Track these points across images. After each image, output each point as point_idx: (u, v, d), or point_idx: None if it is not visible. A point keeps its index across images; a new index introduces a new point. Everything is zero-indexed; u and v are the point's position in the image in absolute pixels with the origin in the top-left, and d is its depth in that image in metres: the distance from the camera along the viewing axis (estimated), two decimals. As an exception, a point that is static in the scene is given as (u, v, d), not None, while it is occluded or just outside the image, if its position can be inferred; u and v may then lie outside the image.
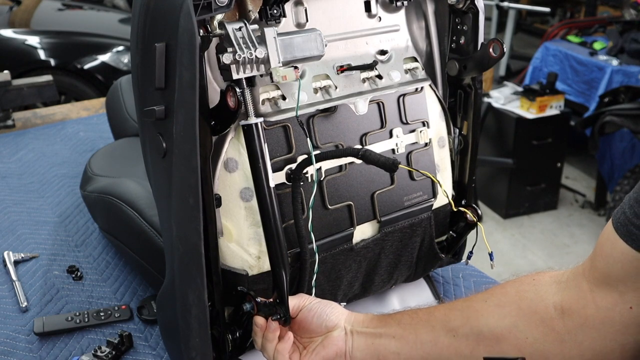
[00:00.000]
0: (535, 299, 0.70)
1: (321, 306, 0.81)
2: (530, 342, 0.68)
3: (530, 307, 0.69)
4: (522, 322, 0.69)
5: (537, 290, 0.70)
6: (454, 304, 0.77)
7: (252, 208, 0.81)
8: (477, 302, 0.74)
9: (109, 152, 1.44)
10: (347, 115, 0.88)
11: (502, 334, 0.70)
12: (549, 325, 0.67)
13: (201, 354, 0.78)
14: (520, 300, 0.71)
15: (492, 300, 0.73)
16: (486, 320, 0.72)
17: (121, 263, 1.23)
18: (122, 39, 3.48)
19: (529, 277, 0.73)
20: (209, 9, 0.69)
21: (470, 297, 0.76)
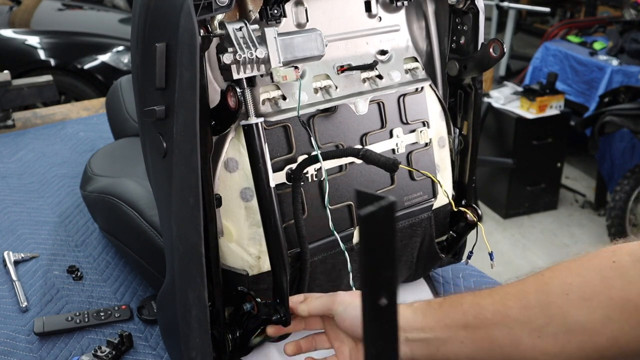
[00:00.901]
0: (624, 286, 0.64)
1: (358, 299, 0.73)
2: (627, 331, 0.63)
3: (621, 296, 0.64)
4: (615, 313, 0.64)
5: (623, 275, 0.64)
6: (527, 301, 0.69)
7: (253, 208, 0.81)
8: (558, 297, 0.68)
9: (109, 152, 1.44)
10: (348, 115, 0.88)
11: (596, 329, 0.65)
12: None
13: (201, 354, 0.78)
14: (608, 289, 0.65)
15: (575, 293, 0.67)
16: (574, 316, 0.66)
17: (121, 263, 1.23)
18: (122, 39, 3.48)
19: (606, 260, 0.66)
20: (209, 9, 0.69)
21: (542, 290, 0.69)
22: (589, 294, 0.65)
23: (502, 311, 0.69)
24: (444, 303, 0.73)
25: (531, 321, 0.68)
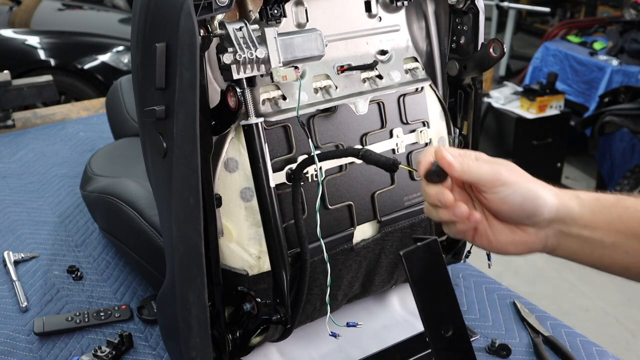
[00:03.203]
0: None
1: (524, 182, 0.64)
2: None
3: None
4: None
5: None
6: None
7: (253, 208, 0.81)
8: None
9: (109, 152, 1.44)
10: (348, 115, 0.88)
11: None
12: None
13: (201, 354, 0.78)
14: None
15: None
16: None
17: (121, 263, 1.23)
18: (122, 39, 3.48)
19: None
20: (209, 9, 0.69)
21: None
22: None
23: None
24: (617, 205, 0.64)
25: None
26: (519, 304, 1.10)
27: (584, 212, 0.64)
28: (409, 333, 0.93)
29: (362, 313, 1.05)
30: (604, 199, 0.65)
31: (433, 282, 0.73)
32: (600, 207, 0.64)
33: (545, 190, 0.64)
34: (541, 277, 2.94)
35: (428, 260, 0.72)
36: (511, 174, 0.64)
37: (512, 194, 0.63)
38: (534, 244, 0.67)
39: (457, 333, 0.74)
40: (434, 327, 0.73)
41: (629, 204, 0.64)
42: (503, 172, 0.63)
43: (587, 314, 2.70)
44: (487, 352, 0.98)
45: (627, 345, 2.50)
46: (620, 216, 0.63)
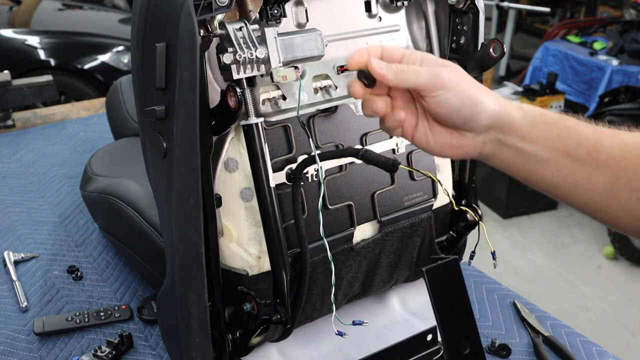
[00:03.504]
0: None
1: (465, 86, 0.63)
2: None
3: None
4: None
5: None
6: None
7: (253, 208, 0.81)
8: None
9: (109, 152, 1.44)
10: (348, 115, 0.88)
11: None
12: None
13: (201, 354, 0.78)
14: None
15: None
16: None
17: (121, 263, 1.23)
18: (122, 39, 3.48)
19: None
20: (209, 9, 0.69)
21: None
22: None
23: (616, 159, 0.62)
24: (559, 122, 0.64)
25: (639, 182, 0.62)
26: (519, 304, 1.10)
27: (524, 123, 0.64)
28: (409, 333, 0.93)
29: (362, 313, 1.05)
30: (548, 115, 0.65)
31: (452, 300, 0.75)
32: (541, 121, 0.64)
33: (486, 97, 0.64)
34: (541, 277, 2.94)
35: (448, 278, 0.74)
36: (452, 78, 0.63)
37: (450, 98, 0.63)
38: (471, 149, 0.67)
39: (474, 351, 0.75)
40: (452, 344, 0.74)
41: (571, 124, 0.64)
42: (443, 75, 0.63)
43: (587, 314, 2.70)
44: (487, 352, 0.98)
45: (627, 345, 2.50)
46: (559, 134, 0.63)
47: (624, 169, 0.62)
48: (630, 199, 0.62)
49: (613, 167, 0.62)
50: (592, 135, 0.63)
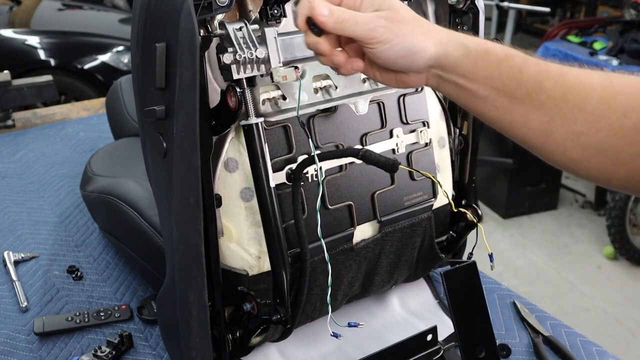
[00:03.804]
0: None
1: (402, 38, 0.63)
2: None
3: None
4: None
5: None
6: (585, 104, 0.62)
7: (253, 208, 0.81)
8: (616, 116, 0.62)
9: (109, 152, 1.44)
10: (348, 115, 0.88)
11: (632, 160, 0.62)
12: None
13: (201, 354, 0.78)
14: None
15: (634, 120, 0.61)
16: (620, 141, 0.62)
17: (121, 263, 1.23)
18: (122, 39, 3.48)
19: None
20: (209, 9, 0.69)
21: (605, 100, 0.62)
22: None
23: (556, 100, 0.63)
24: (503, 62, 0.64)
25: (577, 124, 0.63)
26: (519, 304, 1.10)
27: (465, 62, 0.64)
28: (409, 333, 0.93)
29: (362, 313, 1.05)
30: (493, 54, 0.64)
31: (470, 303, 0.75)
32: (485, 59, 0.64)
33: (426, 41, 0.64)
34: (541, 277, 2.94)
35: (466, 282, 0.74)
36: (388, 30, 0.63)
37: (386, 50, 0.64)
38: (415, 83, 0.68)
39: (490, 355, 0.76)
40: (468, 347, 0.75)
41: (516, 63, 0.64)
42: (378, 30, 0.63)
43: (587, 314, 2.70)
44: (487, 352, 0.98)
45: (627, 345, 2.50)
46: (501, 73, 0.64)
47: (562, 111, 0.63)
48: (565, 140, 0.63)
49: (551, 108, 0.63)
50: (536, 75, 0.63)
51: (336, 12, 0.63)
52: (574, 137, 0.63)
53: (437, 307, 1.09)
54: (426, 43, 0.64)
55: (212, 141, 0.77)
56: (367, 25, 0.63)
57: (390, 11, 0.63)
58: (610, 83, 0.62)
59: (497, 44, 0.65)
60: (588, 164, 0.64)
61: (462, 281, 0.76)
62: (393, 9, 0.63)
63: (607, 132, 0.62)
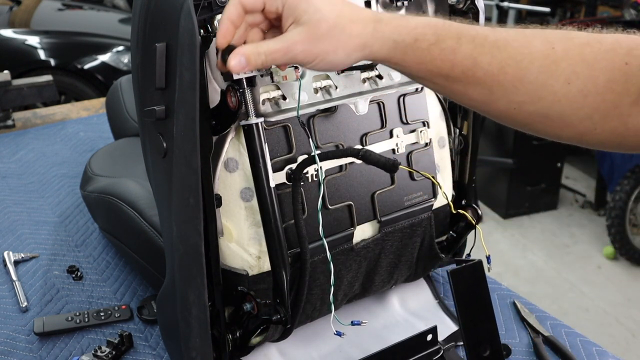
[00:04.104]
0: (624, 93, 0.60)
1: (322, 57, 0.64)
2: (600, 132, 0.62)
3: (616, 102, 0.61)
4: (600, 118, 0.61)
5: (627, 81, 0.60)
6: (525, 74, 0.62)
7: (253, 208, 0.81)
8: (558, 84, 0.62)
9: (109, 152, 1.44)
10: (348, 115, 0.88)
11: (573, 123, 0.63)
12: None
13: (201, 354, 0.78)
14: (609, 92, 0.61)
15: (576, 86, 0.61)
16: (563, 107, 0.62)
17: (121, 263, 1.23)
18: (122, 39, 3.48)
19: (620, 59, 0.60)
20: (209, 9, 0.69)
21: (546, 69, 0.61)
22: (588, 90, 0.61)
23: (494, 74, 0.63)
24: (434, 47, 0.63)
25: (518, 95, 0.63)
26: (519, 304, 1.10)
27: (394, 54, 0.64)
28: (409, 333, 0.93)
29: (362, 313, 1.06)
30: (423, 40, 0.63)
31: (475, 303, 0.76)
32: (415, 48, 0.63)
33: (348, 52, 0.64)
34: (541, 277, 2.95)
35: (472, 281, 0.75)
36: (307, 52, 0.63)
37: (312, 66, 0.65)
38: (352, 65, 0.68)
39: (494, 354, 0.77)
40: (473, 346, 0.75)
41: (448, 45, 0.63)
42: (298, 56, 0.63)
43: (587, 314, 2.70)
44: (487, 352, 0.98)
45: (627, 345, 2.50)
46: (433, 58, 0.63)
47: (501, 83, 0.63)
48: (508, 108, 0.64)
49: (489, 82, 0.63)
50: (471, 53, 0.63)
51: (253, 57, 0.63)
52: (516, 106, 0.64)
53: (437, 307, 1.09)
54: (349, 53, 0.64)
55: (212, 141, 0.77)
56: (286, 55, 0.63)
57: (307, 26, 0.62)
58: (552, 49, 0.62)
59: (430, 27, 0.63)
60: (535, 126, 0.66)
61: (468, 280, 0.76)
62: (310, 23, 0.62)
63: (551, 100, 0.62)
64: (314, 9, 0.62)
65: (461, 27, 0.63)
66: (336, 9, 0.62)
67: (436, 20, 0.64)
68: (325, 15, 0.62)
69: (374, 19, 0.63)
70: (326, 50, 0.63)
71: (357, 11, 0.64)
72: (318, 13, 0.62)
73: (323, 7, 0.62)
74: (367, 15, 0.64)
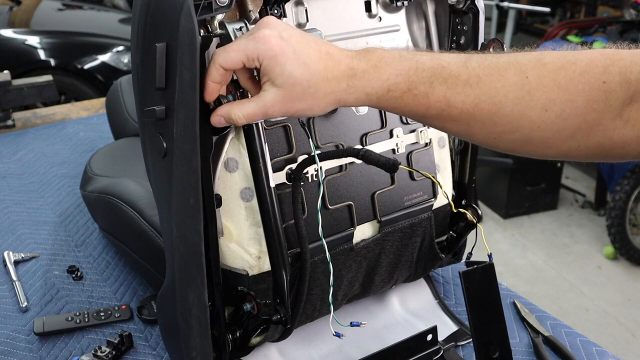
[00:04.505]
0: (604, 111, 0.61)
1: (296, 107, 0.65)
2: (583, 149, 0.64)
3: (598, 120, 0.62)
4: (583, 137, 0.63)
5: (608, 99, 0.61)
6: (503, 106, 0.63)
7: (253, 208, 0.81)
8: (535, 112, 0.63)
9: (109, 152, 1.44)
10: (348, 115, 0.88)
11: (556, 145, 0.64)
12: None
13: (201, 354, 0.78)
14: (589, 112, 0.62)
15: (554, 112, 0.62)
16: (543, 132, 0.63)
17: (121, 263, 1.23)
18: (122, 39, 3.48)
19: (596, 79, 0.61)
20: (209, 9, 0.69)
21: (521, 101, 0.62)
22: (567, 113, 0.62)
23: (469, 112, 0.64)
24: (407, 94, 0.64)
25: (496, 126, 0.64)
26: (519, 304, 1.10)
27: (370, 103, 0.67)
28: (409, 333, 0.93)
29: (362, 313, 1.06)
30: (396, 90, 0.65)
31: (486, 304, 0.76)
32: (387, 99, 0.65)
33: (324, 108, 0.66)
34: (541, 277, 2.95)
35: (483, 282, 0.75)
36: (285, 109, 0.65)
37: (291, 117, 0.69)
38: None
39: (503, 355, 0.77)
40: (483, 347, 0.75)
41: (420, 91, 0.64)
42: (276, 112, 0.65)
43: (587, 314, 2.70)
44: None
45: (627, 345, 2.50)
46: (407, 104, 0.65)
47: (477, 118, 0.64)
48: (488, 138, 0.66)
49: (465, 118, 0.65)
50: (444, 94, 0.64)
51: (233, 117, 0.67)
52: (495, 136, 0.66)
53: (437, 307, 1.09)
54: (324, 108, 0.66)
55: (212, 141, 0.77)
56: (265, 115, 0.66)
57: (282, 90, 0.64)
58: (525, 79, 0.63)
59: (402, 76, 0.64)
60: (518, 151, 0.68)
61: (480, 282, 0.76)
62: (284, 86, 0.64)
63: (529, 127, 0.63)
64: (288, 73, 0.63)
65: (434, 68, 0.64)
66: (309, 71, 0.63)
67: (409, 64, 0.64)
68: (298, 79, 0.63)
69: (347, 74, 0.64)
70: (302, 109, 0.65)
71: (331, 67, 0.64)
72: (291, 78, 0.63)
73: (295, 71, 0.63)
74: (340, 71, 0.64)
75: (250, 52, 0.64)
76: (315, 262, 0.85)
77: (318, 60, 0.64)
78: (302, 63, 0.63)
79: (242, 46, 0.64)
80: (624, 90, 0.60)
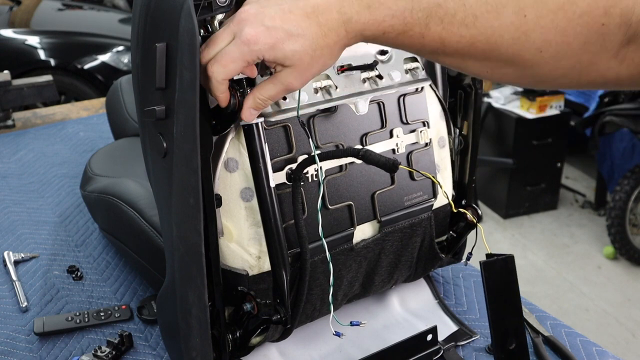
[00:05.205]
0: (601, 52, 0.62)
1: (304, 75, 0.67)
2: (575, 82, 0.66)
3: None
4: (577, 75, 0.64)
5: (604, 41, 0.61)
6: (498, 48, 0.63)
7: (253, 208, 0.81)
8: (531, 53, 0.63)
9: (109, 152, 1.44)
10: (348, 115, 0.88)
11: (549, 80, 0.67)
12: None
13: (201, 354, 0.78)
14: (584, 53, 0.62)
15: (549, 53, 0.63)
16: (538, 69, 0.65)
17: (121, 263, 1.23)
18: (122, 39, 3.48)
19: (595, 21, 0.61)
20: (209, 9, 0.69)
21: (517, 41, 0.62)
22: (562, 55, 0.62)
23: (465, 50, 0.64)
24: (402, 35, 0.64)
25: (489, 62, 0.65)
26: (519, 304, 1.10)
27: (367, 40, 0.67)
28: (409, 333, 0.93)
29: (362, 313, 1.06)
30: (391, 32, 0.65)
31: (504, 296, 0.77)
32: (383, 39, 0.66)
33: (334, 59, 0.67)
34: (541, 277, 2.95)
35: (503, 274, 0.76)
36: (301, 78, 0.67)
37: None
38: None
39: (519, 348, 0.77)
40: (500, 339, 0.76)
41: (415, 33, 0.64)
42: (295, 85, 0.67)
43: (587, 314, 2.70)
44: (487, 352, 0.98)
45: (627, 345, 2.50)
46: (402, 44, 0.66)
47: (472, 55, 0.65)
48: (480, 71, 0.68)
49: (460, 55, 0.65)
50: (439, 35, 0.64)
51: (261, 105, 0.70)
52: (489, 70, 0.67)
53: (437, 307, 1.09)
54: (334, 58, 0.67)
55: (212, 141, 0.77)
56: (287, 92, 0.69)
57: (293, 67, 0.66)
58: (523, 18, 0.62)
59: (397, 18, 0.63)
60: (511, 83, 0.70)
61: (499, 273, 0.76)
62: (294, 64, 0.65)
63: (523, 66, 0.64)
64: (291, 53, 0.64)
65: (430, 7, 0.62)
66: (307, 39, 0.63)
67: (404, 4, 0.62)
68: (302, 52, 0.64)
69: (342, 20, 0.64)
70: (318, 70, 0.67)
71: (324, 21, 0.63)
72: (296, 54, 0.64)
73: (295, 47, 0.63)
74: (334, 20, 0.63)
75: (248, 57, 0.64)
76: (315, 262, 0.85)
77: (309, 25, 0.63)
78: (298, 36, 0.63)
79: (236, 54, 0.64)
80: (623, 32, 0.60)
